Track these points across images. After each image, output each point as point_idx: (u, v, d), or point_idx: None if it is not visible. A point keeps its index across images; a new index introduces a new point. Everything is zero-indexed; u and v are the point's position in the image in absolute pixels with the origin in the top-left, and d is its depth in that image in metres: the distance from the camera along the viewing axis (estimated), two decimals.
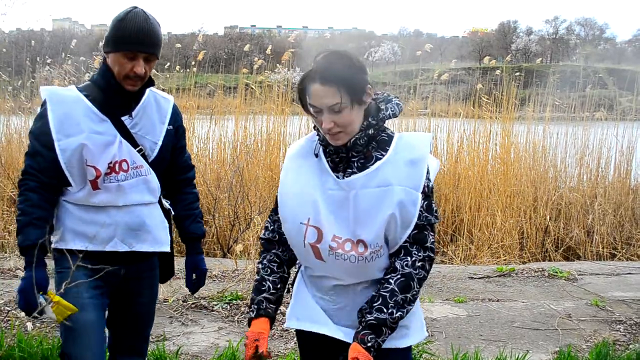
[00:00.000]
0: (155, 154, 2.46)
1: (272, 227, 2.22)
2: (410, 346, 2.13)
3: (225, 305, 4.59)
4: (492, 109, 8.45)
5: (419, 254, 1.96)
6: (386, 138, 2.01)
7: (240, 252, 5.67)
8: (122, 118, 2.38)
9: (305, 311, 2.13)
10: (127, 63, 2.28)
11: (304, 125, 8.07)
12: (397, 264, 1.96)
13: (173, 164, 2.60)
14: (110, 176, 2.35)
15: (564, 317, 4.67)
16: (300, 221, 2.02)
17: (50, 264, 2.38)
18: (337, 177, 1.98)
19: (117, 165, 2.36)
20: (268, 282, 2.14)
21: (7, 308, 4.34)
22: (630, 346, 4.16)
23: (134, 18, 2.28)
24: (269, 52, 9.66)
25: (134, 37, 2.26)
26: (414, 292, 1.95)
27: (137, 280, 2.53)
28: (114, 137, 2.35)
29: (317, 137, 2.06)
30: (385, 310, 1.91)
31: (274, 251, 2.20)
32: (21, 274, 5.08)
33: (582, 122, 8.68)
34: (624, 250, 7.18)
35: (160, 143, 2.48)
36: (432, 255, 2.00)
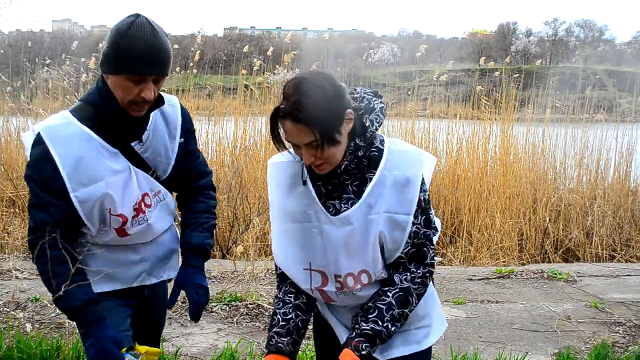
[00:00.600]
0: (168, 173, 2.19)
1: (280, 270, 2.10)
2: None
3: (225, 306, 4.58)
4: (491, 110, 8.45)
5: (418, 270, 1.90)
6: (376, 153, 1.88)
7: (240, 253, 5.67)
8: (132, 144, 2.06)
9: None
10: (133, 87, 1.91)
11: None
12: (396, 278, 1.90)
13: (182, 172, 2.26)
14: (138, 218, 2.09)
15: (563, 318, 4.67)
16: (303, 267, 1.96)
17: None
18: (331, 208, 1.89)
19: (142, 204, 2.09)
20: (278, 316, 2.01)
21: (6, 309, 4.33)
22: (630, 348, 4.16)
23: (139, 33, 1.87)
24: (270, 54, 9.66)
25: (141, 57, 1.86)
26: (412, 307, 1.91)
27: (155, 292, 2.36)
28: (128, 172, 2.04)
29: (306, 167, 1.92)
30: (380, 324, 1.86)
31: (289, 281, 2.06)
32: (20, 275, 5.10)
33: (582, 123, 8.68)
34: (623, 252, 7.18)
35: (173, 162, 2.18)
36: (432, 270, 1.94)
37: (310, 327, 2.19)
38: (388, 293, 1.89)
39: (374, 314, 1.87)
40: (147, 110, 2.04)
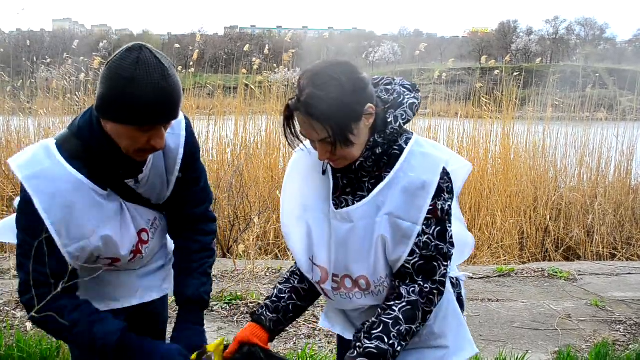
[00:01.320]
0: (162, 201, 1.98)
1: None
2: None
3: (225, 305, 4.58)
4: (492, 108, 8.45)
5: (426, 284, 1.72)
6: (397, 152, 1.74)
7: (241, 252, 5.68)
8: (127, 181, 1.83)
9: (337, 316, 2.03)
10: (141, 136, 1.67)
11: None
12: (403, 290, 1.73)
13: (176, 196, 1.99)
14: (135, 259, 1.94)
15: (564, 317, 4.66)
16: (308, 257, 1.88)
17: None
18: (343, 203, 1.78)
19: (139, 245, 1.92)
20: (275, 290, 1.98)
21: (6, 308, 4.33)
22: (630, 346, 4.16)
23: (147, 76, 1.58)
24: (267, 52, 9.66)
25: (153, 107, 1.60)
26: (417, 325, 1.72)
27: (152, 304, 2.17)
28: (121, 211, 1.84)
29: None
30: (386, 341, 1.67)
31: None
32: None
33: (583, 122, 8.68)
34: (624, 251, 7.18)
35: (169, 194, 1.96)
36: (441, 288, 1.75)
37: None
38: (394, 307, 1.71)
39: (379, 329, 1.69)
40: None
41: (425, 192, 1.68)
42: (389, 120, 1.71)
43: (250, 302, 4.62)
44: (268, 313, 1.93)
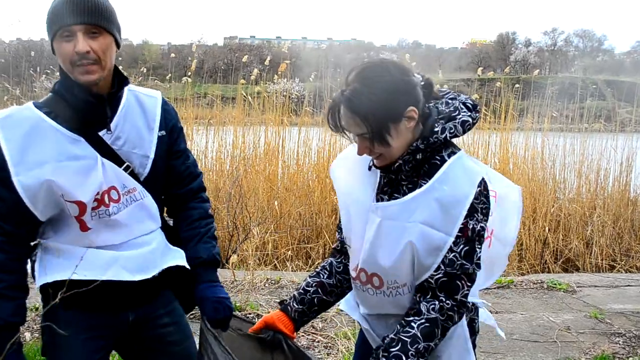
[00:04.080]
0: (147, 170, 1.97)
1: (338, 236, 2.08)
2: None
3: None
4: (490, 119, 8.47)
5: (448, 301, 1.72)
6: (438, 162, 1.74)
7: (237, 262, 5.66)
8: (100, 133, 1.87)
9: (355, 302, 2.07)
10: (67, 46, 1.77)
11: (302, 136, 8.07)
12: (423, 307, 1.73)
13: (171, 174, 2.09)
14: (99, 210, 1.85)
15: (563, 329, 4.65)
16: (347, 243, 1.95)
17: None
18: (379, 201, 1.80)
19: (105, 196, 1.85)
20: (304, 282, 2.06)
21: None
22: (629, 359, 4.15)
23: None
24: (267, 63, 9.68)
25: (65, 9, 1.75)
26: (436, 342, 1.73)
27: (153, 321, 2.09)
28: (93, 160, 1.83)
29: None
30: (404, 358, 1.68)
31: (331, 259, 2.09)
32: None
33: (581, 133, 8.69)
34: (623, 262, 7.17)
35: (152, 156, 1.98)
36: (462, 308, 1.76)
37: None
38: (413, 324, 1.71)
39: (397, 347, 1.69)
40: (116, 91, 1.91)
41: (460, 205, 1.69)
42: (436, 129, 1.72)
43: (250, 313, 4.61)
44: (294, 304, 2.01)
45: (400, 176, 1.77)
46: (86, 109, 1.85)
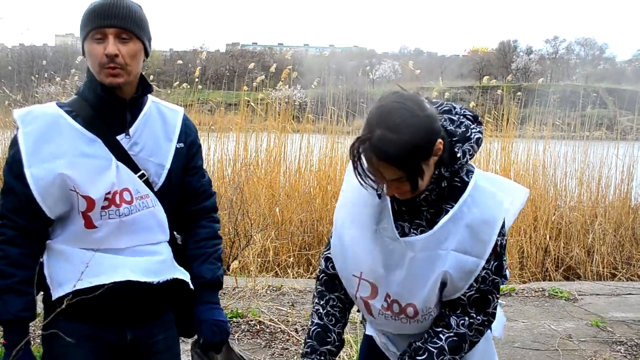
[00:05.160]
0: (162, 179, 1.97)
1: (325, 265, 2.00)
2: None
3: None
4: (492, 127, 8.48)
5: (478, 317, 1.75)
6: (459, 184, 1.73)
7: (238, 268, 5.66)
8: (118, 137, 1.89)
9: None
10: (97, 48, 1.82)
11: (304, 144, 8.08)
12: (452, 321, 1.75)
13: (185, 190, 2.08)
14: (109, 209, 1.84)
15: (565, 337, 4.65)
16: (352, 273, 1.85)
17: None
18: (399, 229, 1.76)
19: (117, 196, 1.85)
20: (334, 334, 1.95)
21: None
22: None
23: None
24: (273, 70, 9.69)
25: (97, 12, 1.82)
26: (462, 354, 1.76)
27: (150, 346, 2.04)
28: (108, 161, 1.85)
29: None
30: None
31: (336, 294, 1.98)
32: None
33: (582, 141, 8.69)
34: (624, 270, 7.16)
35: (168, 166, 1.98)
36: (492, 320, 1.79)
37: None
38: (441, 335, 1.74)
39: (424, 357, 1.73)
40: (139, 97, 1.94)
41: (490, 229, 1.69)
42: (458, 155, 1.70)
43: (251, 320, 4.61)
44: (333, 358, 1.96)
45: (420, 203, 1.74)
46: (106, 111, 1.88)
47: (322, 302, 1.99)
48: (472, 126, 1.75)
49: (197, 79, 9.52)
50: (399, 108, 1.59)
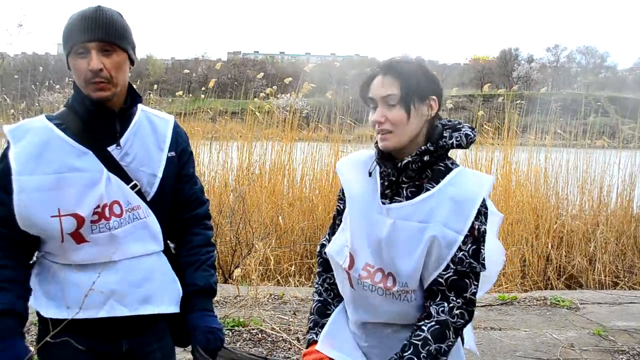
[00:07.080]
0: (154, 189, 1.97)
1: (327, 238, 2.09)
2: None
3: (227, 331, 4.56)
4: (493, 135, 8.49)
5: (458, 300, 1.77)
6: (443, 169, 1.83)
7: (240, 277, 5.66)
8: (109, 148, 1.88)
9: (338, 340, 2.00)
10: (82, 63, 1.80)
11: (307, 152, 8.10)
12: (432, 310, 1.77)
13: (177, 198, 2.08)
14: (99, 224, 1.84)
15: (567, 346, 4.64)
16: (344, 244, 1.92)
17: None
18: (383, 202, 1.84)
19: (106, 210, 1.85)
20: (333, 307, 2.05)
21: None
22: None
23: (81, 10, 1.84)
24: (287, 82, 9.71)
25: (77, 26, 1.80)
26: (449, 343, 1.75)
27: (146, 355, 2.05)
28: (99, 173, 1.84)
29: (375, 155, 1.91)
30: None
31: (332, 272, 2.05)
32: None
33: (584, 149, 8.70)
34: (626, 279, 7.15)
35: (160, 175, 1.98)
36: (472, 307, 1.80)
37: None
38: (423, 327, 1.76)
39: (409, 351, 1.74)
40: (128, 107, 1.94)
41: (471, 204, 1.77)
42: (444, 135, 1.83)
43: (253, 329, 4.61)
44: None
45: (401, 179, 1.83)
46: (96, 123, 1.88)
47: (320, 281, 2.11)
48: (466, 126, 1.88)
49: (204, 89, 9.54)
50: (407, 58, 1.88)
